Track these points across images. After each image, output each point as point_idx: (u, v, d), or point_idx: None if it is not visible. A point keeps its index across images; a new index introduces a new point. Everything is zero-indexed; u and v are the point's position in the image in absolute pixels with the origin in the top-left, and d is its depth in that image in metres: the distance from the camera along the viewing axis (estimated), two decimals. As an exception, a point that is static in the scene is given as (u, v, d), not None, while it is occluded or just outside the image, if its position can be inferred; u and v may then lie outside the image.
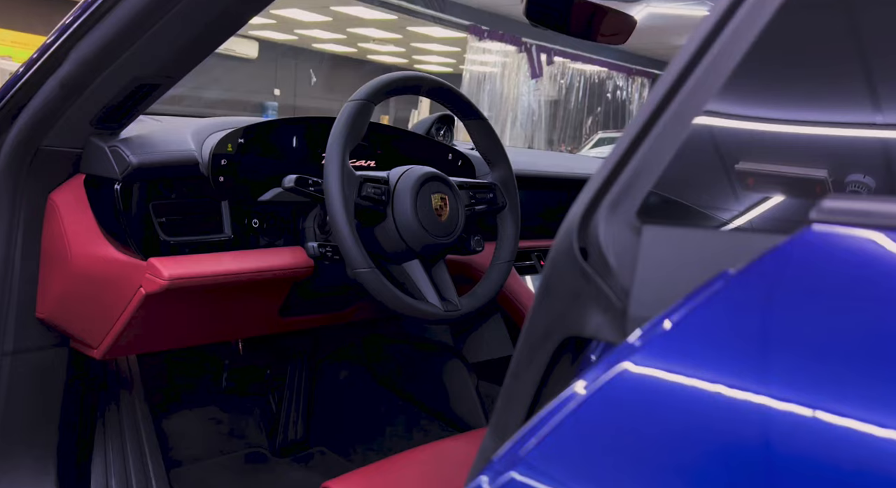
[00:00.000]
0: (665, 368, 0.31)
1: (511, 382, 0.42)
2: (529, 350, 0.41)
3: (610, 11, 1.35)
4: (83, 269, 1.01)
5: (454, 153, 1.36)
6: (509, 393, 0.42)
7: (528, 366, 0.41)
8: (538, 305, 0.40)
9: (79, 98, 0.91)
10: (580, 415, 0.33)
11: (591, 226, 0.37)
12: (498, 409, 0.43)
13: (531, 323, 0.41)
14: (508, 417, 0.42)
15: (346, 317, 1.35)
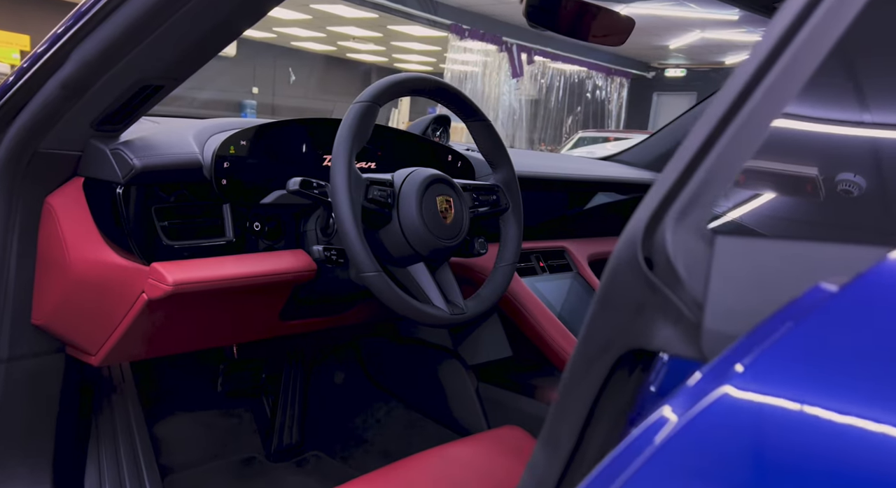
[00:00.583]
0: (778, 393, 0.28)
1: (564, 396, 0.41)
2: (586, 363, 0.39)
3: (607, 13, 1.36)
4: (82, 275, 0.98)
5: (454, 154, 1.35)
6: (562, 407, 0.41)
7: (584, 379, 0.39)
8: (596, 317, 0.39)
9: (80, 100, 0.89)
10: (680, 445, 0.30)
11: (656, 236, 0.36)
12: (549, 423, 0.42)
13: (587, 335, 0.39)
14: (561, 431, 0.41)
15: (344, 319, 1.34)
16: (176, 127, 1.07)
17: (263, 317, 1.19)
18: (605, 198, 1.74)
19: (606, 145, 4.33)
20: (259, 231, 1.09)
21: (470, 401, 1.38)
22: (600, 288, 0.39)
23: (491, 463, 0.99)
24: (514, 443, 1.05)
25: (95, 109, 0.91)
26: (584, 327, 0.40)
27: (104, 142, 0.96)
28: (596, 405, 0.39)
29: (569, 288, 1.45)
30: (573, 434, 0.40)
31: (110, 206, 0.96)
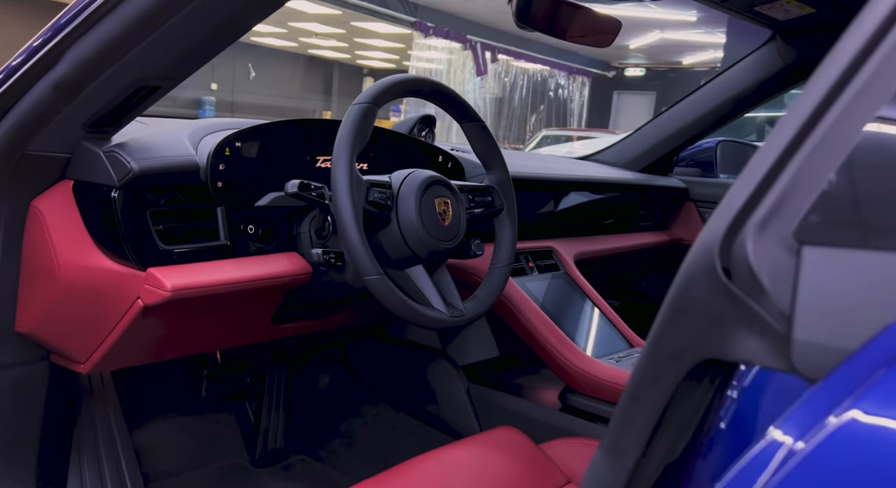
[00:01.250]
0: None
1: (630, 404, 0.41)
2: (654, 372, 0.39)
3: (594, 14, 1.37)
4: (72, 281, 0.95)
5: (444, 155, 1.35)
6: (628, 416, 0.41)
7: (652, 388, 0.39)
8: (667, 326, 0.38)
9: (72, 101, 0.86)
10: (806, 473, 0.28)
11: (735, 245, 0.34)
12: (614, 431, 0.42)
13: (657, 344, 0.39)
14: (627, 441, 0.41)
15: (334, 322, 1.32)
16: (167, 128, 1.04)
17: (256, 322, 1.17)
18: (586, 197, 1.75)
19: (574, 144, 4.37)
20: (253, 234, 1.07)
21: (461, 402, 1.37)
22: (671, 297, 0.38)
23: (490, 466, 0.99)
24: (511, 445, 1.05)
25: (88, 111, 0.88)
26: (653, 336, 0.40)
27: (96, 144, 0.92)
28: (663, 414, 0.39)
29: (557, 287, 1.46)
30: (640, 443, 0.40)
31: (103, 210, 0.92)
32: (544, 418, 1.30)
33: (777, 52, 1.70)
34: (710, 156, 2.12)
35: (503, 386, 1.45)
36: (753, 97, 1.78)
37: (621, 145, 2.03)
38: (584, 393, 1.27)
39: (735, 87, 1.79)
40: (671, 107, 1.96)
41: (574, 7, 1.33)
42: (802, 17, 1.56)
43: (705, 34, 10.02)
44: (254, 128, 1.05)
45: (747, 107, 1.82)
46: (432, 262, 1.09)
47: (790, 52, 1.67)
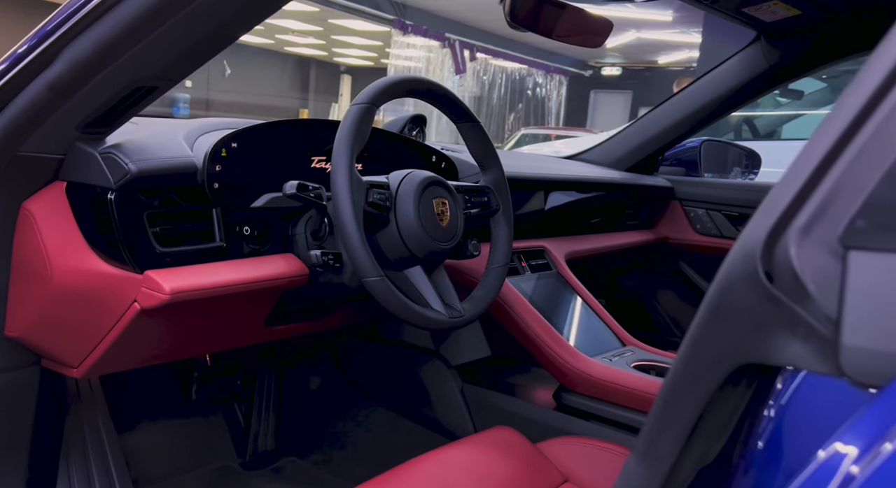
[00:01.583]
0: None
1: (665, 408, 0.41)
2: (691, 376, 0.39)
3: (586, 15, 1.38)
4: (66, 284, 0.93)
5: (438, 155, 1.34)
6: (663, 420, 0.41)
7: (689, 392, 0.39)
8: (705, 330, 0.38)
9: (68, 101, 0.84)
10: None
11: (777, 250, 0.34)
12: (647, 435, 0.42)
13: (695, 348, 0.39)
14: (662, 445, 0.41)
15: (327, 324, 1.32)
16: (161, 128, 1.03)
17: (250, 324, 1.15)
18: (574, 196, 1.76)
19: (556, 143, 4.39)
20: (248, 235, 1.06)
21: (455, 403, 1.37)
22: (709, 301, 0.38)
23: (489, 466, 0.99)
24: (508, 444, 1.05)
25: (83, 111, 0.86)
26: (690, 341, 0.40)
27: (91, 145, 0.91)
28: (699, 418, 0.39)
29: (550, 287, 1.47)
30: (676, 448, 0.40)
31: (98, 212, 0.91)
32: (539, 417, 1.31)
33: (762, 53, 1.72)
34: (694, 155, 2.14)
35: (496, 385, 1.45)
36: (738, 97, 1.80)
37: (608, 145, 2.04)
38: (579, 392, 1.28)
39: (720, 88, 1.81)
40: (657, 107, 1.97)
41: (566, 7, 1.34)
42: (787, 19, 1.58)
43: (681, 34, 10.13)
44: (249, 128, 1.04)
45: (732, 107, 1.84)
46: (430, 263, 1.08)
47: (774, 53, 1.70)
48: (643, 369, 1.26)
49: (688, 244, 2.00)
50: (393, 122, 1.48)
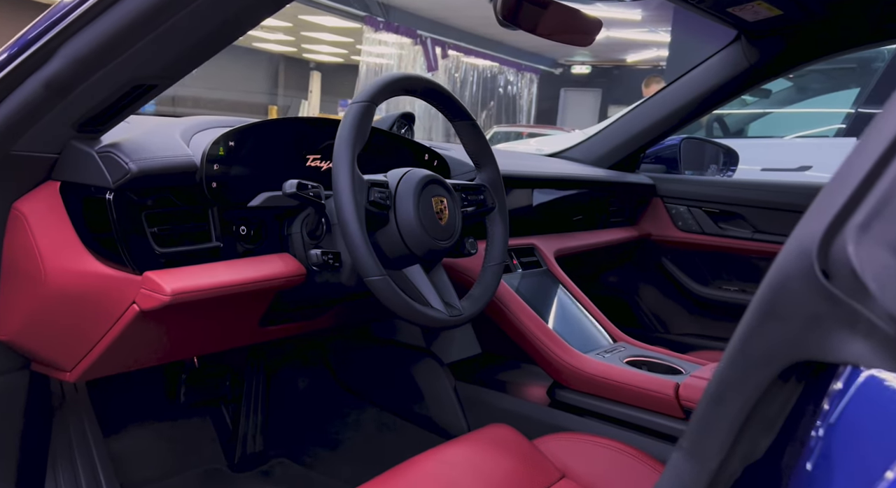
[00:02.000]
0: None
1: (712, 407, 0.41)
2: (741, 374, 0.39)
3: (576, 13, 1.39)
4: (60, 286, 0.91)
5: (430, 153, 1.34)
6: (711, 418, 0.41)
7: (739, 390, 0.39)
8: (756, 328, 0.39)
9: (64, 99, 0.82)
10: None
11: (833, 248, 0.34)
12: (694, 433, 0.42)
13: (744, 346, 0.39)
14: (710, 443, 0.41)
15: (321, 323, 1.31)
16: (154, 126, 1.01)
17: (245, 325, 1.14)
18: (560, 194, 1.78)
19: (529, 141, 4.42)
20: (245, 235, 1.04)
21: (448, 401, 1.37)
22: (760, 299, 0.38)
23: (488, 464, 0.99)
24: (506, 441, 1.06)
25: (80, 110, 0.84)
26: (740, 339, 0.40)
27: (87, 144, 0.88)
28: (750, 416, 0.39)
29: (541, 284, 1.48)
30: (725, 446, 0.40)
31: (95, 213, 0.89)
32: (533, 414, 1.31)
33: (742, 53, 1.75)
34: (674, 153, 2.17)
35: (488, 383, 1.46)
36: (719, 96, 1.83)
37: (590, 142, 2.06)
38: (573, 389, 1.29)
39: (701, 86, 1.84)
40: (638, 105, 1.99)
41: (556, 6, 1.34)
42: (769, 19, 1.61)
43: (649, 33, 10.25)
44: (246, 127, 1.03)
45: (713, 105, 1.87)
46: (429, 262, 1.08)
47: (754, 53, 1.73)
48: (636, 365, 1.28)
49: (670, 240, 2.03)
50: (381, 119, 1.47)
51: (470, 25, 10.05)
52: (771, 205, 1.90)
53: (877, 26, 1.56)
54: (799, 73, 4.81)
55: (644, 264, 2.12)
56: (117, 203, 0.87)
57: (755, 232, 1.92)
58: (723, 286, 2.00)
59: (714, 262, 2.01)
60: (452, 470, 0.97)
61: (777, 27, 1.65)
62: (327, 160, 1.16)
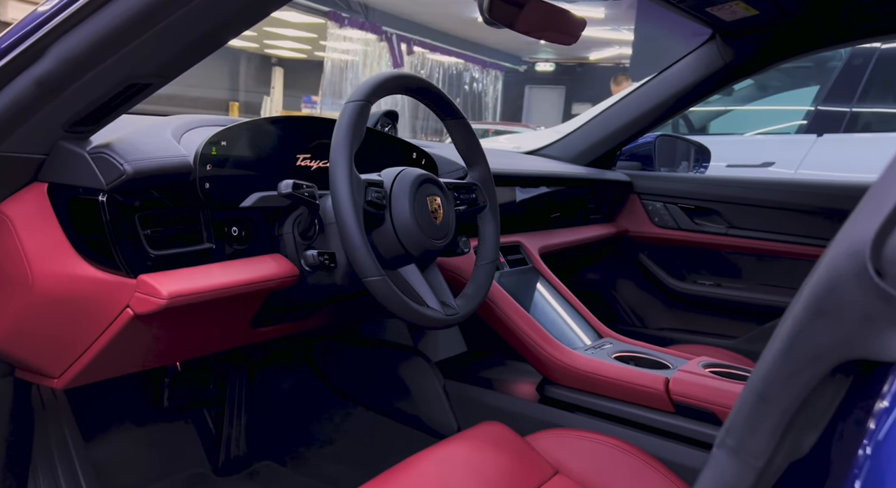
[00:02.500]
0: None
1: (758, 405, 0.41)
2: (789, 372, 0.40)
3: (561, 12, 1.40)
4: (49, 291, 0.88)
5: (418, 152, 1.34)
6: (757, 417, 0.41)
7: (786, 388, 0.40)
8: (805, 326, 0.39)
9: (56, 98, 0.79)
10: None
11: (887, 247, 0.35)
12: (739, 431, 0.42)
13: (792, 344, 0.40)
14: (757, 441, 0.41)
15: (310, 324, 1.29)
16: (144, 126, 0.98)
17: (236, 327, 1.12)
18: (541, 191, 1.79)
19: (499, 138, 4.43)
20: (236, 236, 1.03)
21: (437, 399, 1.37)
22: (808, 298, 0.39)
23: (484, 461, 0.99)
24: (500, 439, 1.06)
25: (72, 109, 0.81)
26: (786, 338, 0.40)
27: (78, 144, 0.86)
28: (797, 415, 0.40)
29: (528, 281, 1.48)
30: (771, 443, 0.41)
31: (87, 215, 0.86)
32: (523, 411, 1.32)
33: (717, 51, 1.79)
34: (649, 150, 2.21)
35: (476, 380, 1.46)
36: (695, 94, 1.86)
37: (568, 140, 2.08)
38: (563, 385, 1.30)
39: (677, 85, 1.87)
40: (615, 103, 2.02)
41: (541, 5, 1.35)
42: (745, 19, 1.65)
43: (612, 31, 10.38)
44: (237, 126, 1.01)
45: (689, 103, 1.90)
46: (424, 261, 1.08)
47: (729, 52, 1.76)
48: (624, 360, 1.29)
49: (646, 237, 2.06)
50: (366, 117, 1.46)
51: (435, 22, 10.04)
52: (745, 201, 1.94)
53: (848, 26, 1.60)
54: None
55: (621, 260, 2.15)
56: (111, 205, 0.85)
57: (730, 227, 1.96)
58: (698, 281, 2.04)
59: (690, 258, 2.05)
60: (450, 470, 0.97)
61: (752, 27, 1.69)
62: (317, 159, 1.14)
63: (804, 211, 1.86)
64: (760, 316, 1.92)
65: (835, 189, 1.87)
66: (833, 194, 1.85)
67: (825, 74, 3.93)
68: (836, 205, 1.83)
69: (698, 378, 1.18)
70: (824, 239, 1.84)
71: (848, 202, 1.90)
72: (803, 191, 1.89)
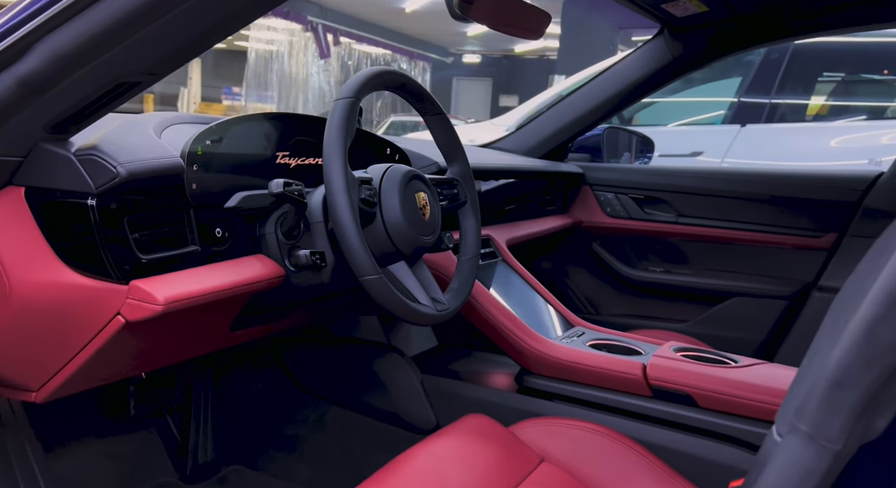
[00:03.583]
0: None
1: (835, 391, 0.43)
2: (867, 359, 0.42)
3: (528, 7, 1.41)
4: (29, 300, 0.82)
5: (392, 148, 1.33)
6: (833, 403, 0.43)
7: (864, 374, 0.42)
8: (883, 315, 0.41)
9: (40, 98, 0.74)
10: None
11: None
12: (814, 416, 0.44)
13: (870, 332, 0.42)
14: (833, 427, 0.43)
15: (287, 324, 1.27)
16: (121, 124, 0.93)
17: (217, 330, 1.09)
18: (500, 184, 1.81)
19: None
20: (220, 237, 0.99)
21: (415, 394, 1.37)
22: (885, 288, 0.41)
23: (475, 453, 1.01)
24: (486, 431, 1.07)
25: (56, 109, 0.76)
26: (863, 326, 0.42)
27: (59, 146, 0.80)
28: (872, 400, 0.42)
29: (500, 274, 1.50)
30: (847, 428, 0.43)
31: (73, 220, 0.81)
32: (503, 402, 1.34)
33: (665, 46, 1.85)
34: (597, 141, 2.27)
35: (451, 374, 1.47)
36: (646, 87, 1.92)
37: (521, 133, 2.11)
38: (542, 375, 1.32)
39: (628, 78, 1.92)
40: (567, 96, 2.06)
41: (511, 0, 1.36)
42: (694, 15, 1.71)
43: (538, 23, 10.51)
44: (221, 125, 0.99)
45: (640, 95, 1.97)
46: (413, 258, 1.08)
47: (677, 46, 1.83)
48: (598, 348, 1.33)
49: (599, 226, 2.12)
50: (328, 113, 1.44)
51: (362, 12, 9.91)
52: (692, 191, 2.02)
53: (790, 23, 1.69)
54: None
55: (575, 250, 2.20)
56: (101, 209, 0.80)
57: (678, 216, 2.04)
58: (649, 267, 2.11)
59: (641, 246, 2.12)
60: (445, 463, 0.98)
61: (700, 23, 1.76)
62: (296, 157, 1.12)
63: (747, 199, 1.96)
64: (708, 299, 2.01)
65: (775, 178, 1.98)
66: (774, 183, 1.96)
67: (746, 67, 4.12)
68: (777, 192, 1.93)
69: (673, 362, 1.23)
70: (767, 225, 1.94)
71: (787, 189, 2.00)
72: (747, 180, 1.99)
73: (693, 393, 1.19)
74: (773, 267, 1.97)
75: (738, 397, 1.15)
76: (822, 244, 1.89)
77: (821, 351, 0.47)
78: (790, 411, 0.46)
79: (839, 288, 1.98)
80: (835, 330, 0.46)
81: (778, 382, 1.16)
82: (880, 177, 1.85)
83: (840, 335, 0.44)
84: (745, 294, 1.96)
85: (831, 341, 0.45)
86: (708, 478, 1.11)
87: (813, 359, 0.49)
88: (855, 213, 1.85)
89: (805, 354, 0.55)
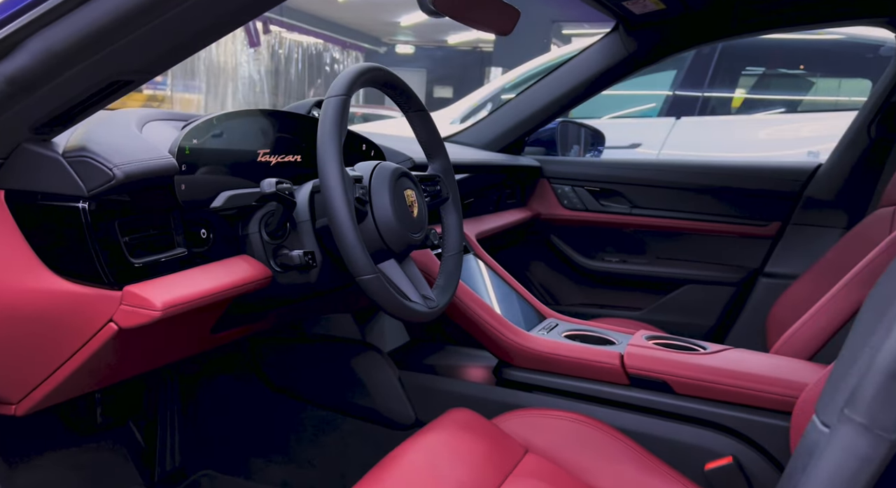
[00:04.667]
0: None
1: (890, 382, 0.45)
2: None
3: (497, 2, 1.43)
4: (11, 309, 0.78)
5: (367, 143, 1.31)
6: (889, 393, 0.46)
7: None
8: None
9: (28, 97, 0.70)
10: None
11: None
12: (869, 407, 0.46)
13: None
14: (889, 417, 0.45)
15: (265, 324, 1.24)
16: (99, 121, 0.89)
17: (200, 333, 1.05)
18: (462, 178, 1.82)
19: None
20: (205, 238, 0.96)
21: (394, 390, 1.37)
22: None
23: (464, 447, 1.01)
24: (471, 424, 1.08)
25: (44, 109, 0.72)
26: None
27: (45, 147, 0.76)
28: None
29: (473, 268, 1.51)
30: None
31: (61, 224, 0.77)
32: (482, 395, 1.35)
33: (620, 42, 1.90)
34: (551, 135, 2.30)
35: (426, 368, 1.47)
36: (602, 81, 1.97)
37: (479, 127, 2.12)
38: (521, 367, 1.34)
39: (585, 73, 1.97)
40: (524, 90, 2.08)
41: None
42: (651, 12, 1.76)
43: (471, 14, 10.55)
44: (206, 123, 0.96)
45: (596, 90, 2.01)
46: (402, 255, 1.07)
47: (631, 43, 1.88)
48: (574, 338, 1.36)
49: (557, 219, 2.16)
50: (298, 104, 1.41)
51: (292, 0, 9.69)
52: (645, 183, 2.09)
53: (740, 21, 1.77)
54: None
55: (533, 242, 2.23)
56: (93, 212, 0.76)
57: (633, 207, 2.10)
58: (606, 258, 2.17)
59: (597, 237, 2.18)
60: (437, 458, 0.98)
61: (655, 20, 1.81)
62: (276, 154, 1.10)
63: (698, 190, 2.04)
64: (662, 287, 2.08)
65: (724, 170, 2.06)
66: (722, 174, 2.04)
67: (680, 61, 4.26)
68: (725, 183, 2.02)
69: (648, 350, 1.27)
70: (716, 214, 2.03)
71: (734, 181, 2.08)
72: (697, 172, 2.07)
73: (669, 379, 1.23)
74: (721, 255, 2.05)
75: (711, 382, 1.20)
76: (767, 232, 1.99)
77: (869, 344, 0.49)
78: (837, 403, 0.48)
79: (784, 273, 2.07)
80: (878, 324, 0.48)
81: (746, 366, 1.22)
82: (819, 168, 1.96)
83: (891, 328, 0.46)
84: (696, 281, 2.04)
85: (877, 335, 0.47)
86: (685, 462, 1.16)
87: (857, 353, 0.51)
88: (797, 203, 1.95)
89: (754, 337, 0.56)
